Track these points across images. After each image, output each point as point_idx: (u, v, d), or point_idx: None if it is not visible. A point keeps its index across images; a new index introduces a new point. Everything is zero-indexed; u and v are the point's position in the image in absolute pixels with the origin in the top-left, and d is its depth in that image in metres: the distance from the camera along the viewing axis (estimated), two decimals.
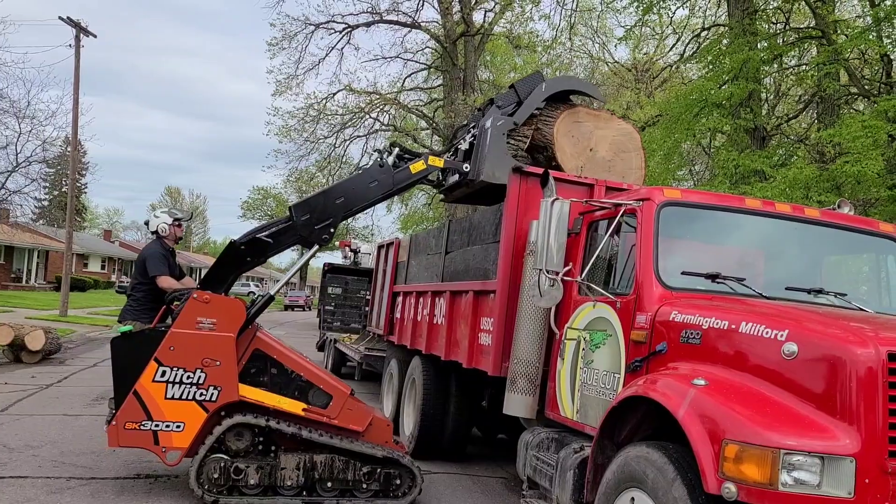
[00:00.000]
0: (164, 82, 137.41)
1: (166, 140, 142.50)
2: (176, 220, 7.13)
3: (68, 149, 32.59)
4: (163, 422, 5.59)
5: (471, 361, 6.27)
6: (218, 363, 5.66)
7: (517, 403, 5.17)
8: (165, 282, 6.58)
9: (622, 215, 4.59)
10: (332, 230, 6.27)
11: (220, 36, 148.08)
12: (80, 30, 25.74)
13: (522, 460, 5.14)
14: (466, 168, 6.59)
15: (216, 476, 5.55)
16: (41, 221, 55.71)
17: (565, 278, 4.69)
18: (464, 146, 6.86)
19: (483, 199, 7.39)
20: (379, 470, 5.82)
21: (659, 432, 3.88)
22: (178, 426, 5.61)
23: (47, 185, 52.27)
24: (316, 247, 6.36)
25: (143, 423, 5.58)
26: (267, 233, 6.27)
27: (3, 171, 32.94)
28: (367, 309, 19.80)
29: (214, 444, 5.63)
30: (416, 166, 6.52)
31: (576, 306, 4.95)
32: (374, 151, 6.69)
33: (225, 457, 5.63)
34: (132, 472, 6.32)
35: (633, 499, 3.65)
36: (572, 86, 7.07)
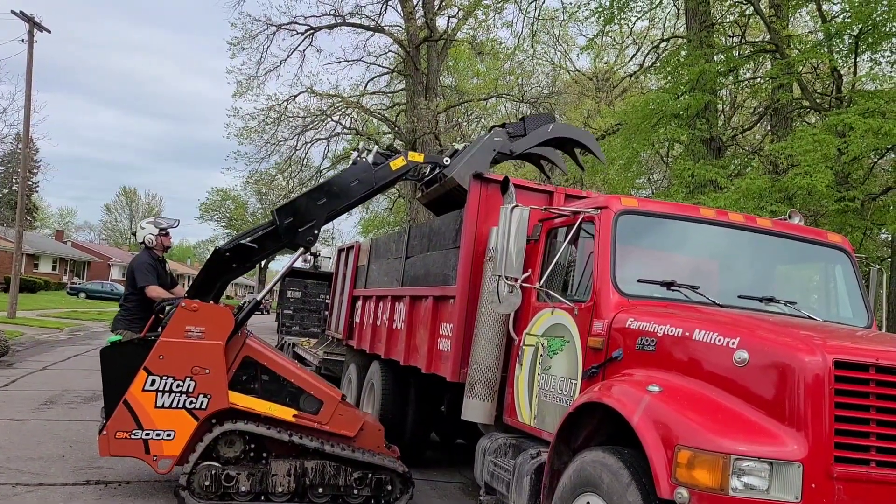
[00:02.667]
0: (116, 79, 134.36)
1: (119, 139, 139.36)
2: (161, 230, 7.17)
3: (19, 146, 31.76)
4: (153, 430, 5.57)
5: (430, 367, 6.27)
6: (207, 371, 5.65)
7: (475, 409, 5.19)
8: (154, 291, 6.60)
9: (580, 223, 4.64)
10: (316, 232, 6.23)
11: (175, 34, 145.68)
12: (34, 24, 25.11)
13: (480, 466, 5.16)
14: (447, 161, 6.60)
15: (207, 483, 5.54)
16: None
17: (524, 285, 4.72)
18: (458, 145, 6.97)
19: (451, 209, 7.42)
20: (370, 475, 5.83)
21: (614, 438, 3.93)
22: (168, 434, 5.58)
23: None
24: (301, 250, 6.31)
25: (134, 432, 5.56)
26: (251, 238, 6.25)
27: None
28: (326, 313, 19.68)
29: (205, 452, 5.61)
30: (397, 163, 6.52)
31: (534, 312, 5.00)
32: (354, 151, 6.65)
33: (216, 464, 5.62)
34: (81, 478, 6.17)
35: (588, 503, 3.69)
36: (578, 136, 7.07)
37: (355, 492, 5.81)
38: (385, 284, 8.12)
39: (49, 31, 25.94)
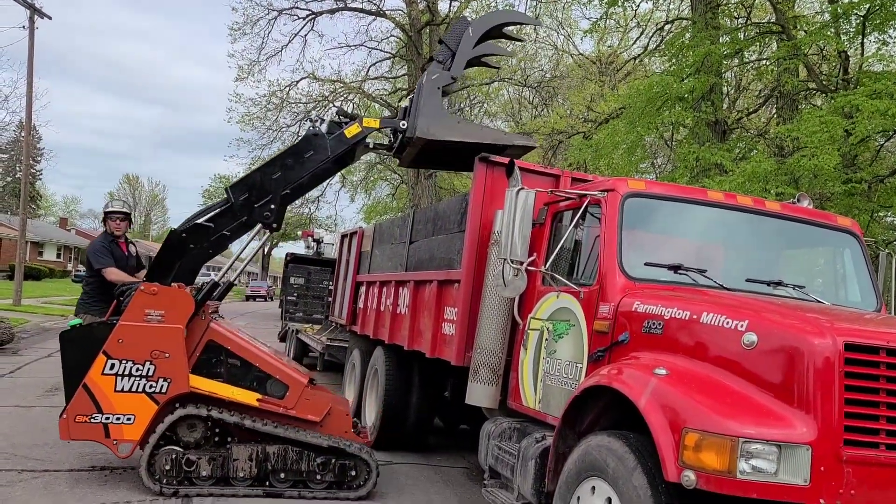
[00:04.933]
0: (111, 66, 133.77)
1: (117, 127, 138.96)
2: (106, 213, 7.15)
3: (22, 134, 31.71)
4: (113, 414, 5.54)
5: (434, 351, 6.24)
6: (167, 355, 5.60)
7: (480, 393, 5.16)
8: (111, 274, 6.55)
9: (587, 206, 4.59)
10: (272, 207, 6.07)
11: (169, 20, 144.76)
12: (35, 11, 24.97)
13: (484, 450, 5.14)
14: (403, 125, 6.33)
15: (168, 468, 5.52)
16: None
17: (529, 268, 4.68)
18: (404, 104, 6.66)
19: (440, 161, 7.20)
20: (334, 461, 5.79)
21: (620, 422, 3.90)
22: (128, 418, 5.55)
23: (0, 170, 50.84)
24: (259, 226, 6.16)
25: (94, 416, 5.52)
26: (206, 217, 6.15)
27: None
28: (329, 299, 19.69)
29: (168, 436, 5.58)
30: (351, 130, 6.27)
31: (539, 297, 4.96)
32: (307, 120, 6.43)
33: (177, 448, 5.59)
34: (86, 464, 6.17)
35: (593, 487, 3.67)
36: (501, 19, 6.78)
37: (318, 477, 5.77)
38: (389, 269, 8.09)
39: (50, 18, 25.82)
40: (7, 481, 5.61)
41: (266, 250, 70.94)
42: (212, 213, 6.15)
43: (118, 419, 5.54)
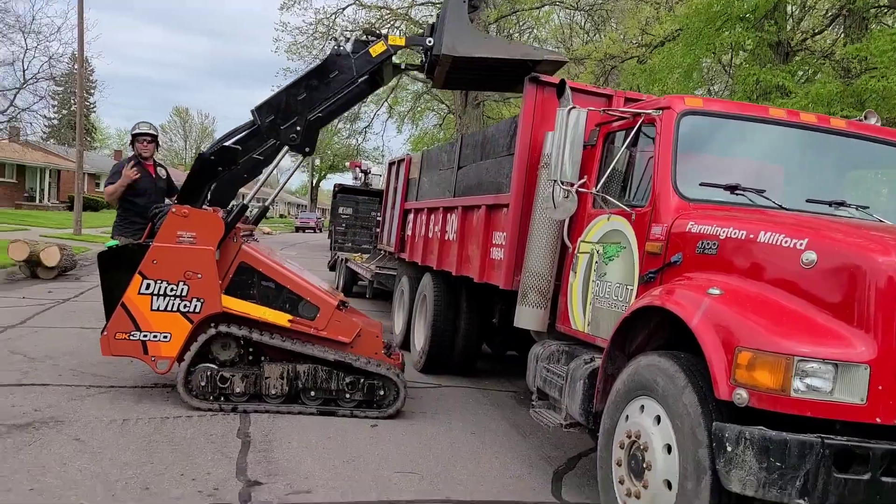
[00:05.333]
0: None
1: (167, 57, 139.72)
2: (133, 135, 7.37)
3: (75, 66, 32.14)
4: (150, 332, 5.74)
5: (482, 276, 6.26)
6: (199, 276, 5.74)
7: (528, 316, 5.18)
8: (105, 191, 7.04)
9: (641, 125, 4.46)
10: (297, 129, 6.02)
11: None
12: None
13: (532, 372, 5.19)
14: (430, 42, 6.14)
15: (203, 384, 5.73)
16: (52, 141, 55.60)
17: (580, 190, 4.61)
18: (432, 20, 6.54)
19: (475, 81, 6.98)
20: (362, 380, 5.91)
21: (670, 343, 3.88)
22: (165, 336, 5.75)
23: (56, 103, 51.88)
24: (286, 148, 6.15)
25: (132, 333, 5.73)
26: (233, 140, 6.17)
27: (11, 88, 32.66)
28: (377, 230, 19.86)
29: (203, 354, 5.79)
30: (376, 48, 6.13)
31: (589, 220, 4.89)
32: (332, 39, 6.26)
33: (212, 366, 5.79)
34: (150, 381, 6.44)
35: (642, 406, 3.68)
36: None
37: (347, 396, 5.91)
38: (437, 196, 8.07)
39: None
40: (77, 395, 5.90)
41: (314, 182, 71.60)
42: (239, 136, 6.17)
43: (155, 337, 5.74)
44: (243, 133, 6.15)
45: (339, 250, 18.59)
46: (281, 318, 5.92)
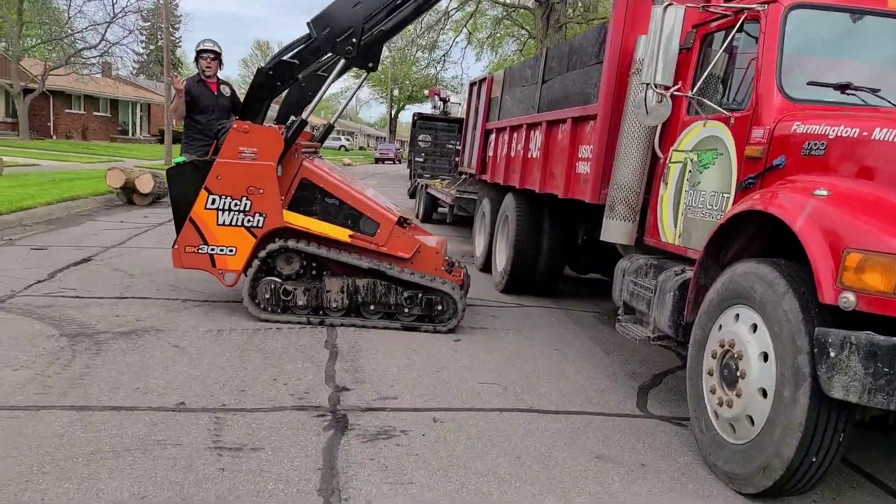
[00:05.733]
0: None
1: None
2: (197, 52, 7.39)
3: (161, 1, 32.77)
4: (217, 246, 5.91)
5: (567, 191, 6.12)
6: (261, 191, 5.83)
7: (615, 230, 5.05)
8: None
9: (743, 22, 4.17)
10: (353, 41, 5.92)
11: None
12: None
13: (619, 286, 5.09)
14: None
15: (268, 297, 5.90)
16: (142, 76, 57.35)
17: (675, 94, 4.38)
18: None
19: None
20: (420, 295, 5.95)
21: (768, 252, 3.71)
22: (230, 250, 5.91)
23: (144, 38, 53.25)
24: (343, 61, 6.06)
25: (201, 247, 5.92)
26: (291, 54, 6.12)
27: (102, 22, 33.71)
28: (456, 159, 19.74)
29: (267, 268, 5.94)
30: None
31: (683, 127, 4.67)
32: None
33: (275, 279, 5.94)
34: (240, 296, 6.66)
35: (737, 315, 3.55)
36: None
37: (406, 310, 5.97)
38: (520, 113, 7.89)
39: None
40: (174, 308, 6.18)
41: (393, 114, 71.59)
42: (296, 50, 6.11)
43: (221, 250, 5.91)
44: (300, 47, 6.10)
45: (419, 178, 18.61)
46: (341, 233, 5.99)
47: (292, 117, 6.19)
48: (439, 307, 5.97)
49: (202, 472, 3.24)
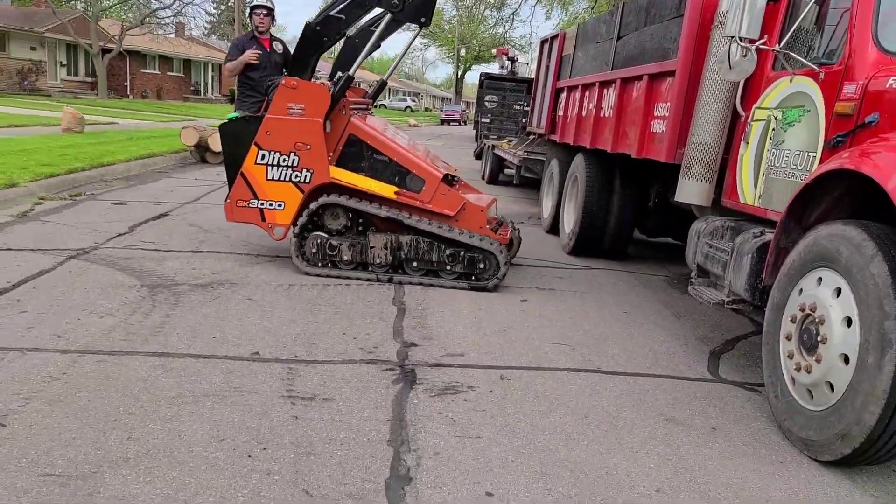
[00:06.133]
0: None
1: None
2: (250, 8, 7.43)
3: None
4: (266, 200, 6.03)
5: (641, 151, 5.96)
6: (308, 147, 5.90)
7: (691, 190, 4.91)
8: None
9: None
10: None
11: None
12: None
13: (693, 248, 4.96)
14: None
15: (314, 251, 6.00)
16: (213, 36, 58.34)
17: (761, 47, 4.19)
18: None
19: None
20: (462, 253, 5.94)
21: (856, 215, 3.54)
22: (279, 205, 6.02)
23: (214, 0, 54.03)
24: (389, 16, 6.01)
25: (251, 201, 6.05)
26: (338, 9, 6.08)
27: None
28: (523, 120, 19.47)
29: (314, 223, 6.03)
30: None
31: (768, 83, 4.47)
32: None
33: (322, 234, 6.02)
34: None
35: (820, 279, 3.41)
36: None
37: (448, 267, 5.97)
38: (593, 71, 7.70)
39: None
40: (247, 263, 6.35)
41: (459, 74, 71.00)
42: (342, 5, 6.07)
43: (271, 205, 6.03)
44: (347, 1, 6.07)
45: (485, 139, 18.47)
46: (387, 189, 6.01)
47: (339, 73, 6.22)
48: (481, 265, 5.97)
49: (276, 419, 3.34)
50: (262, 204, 6.05)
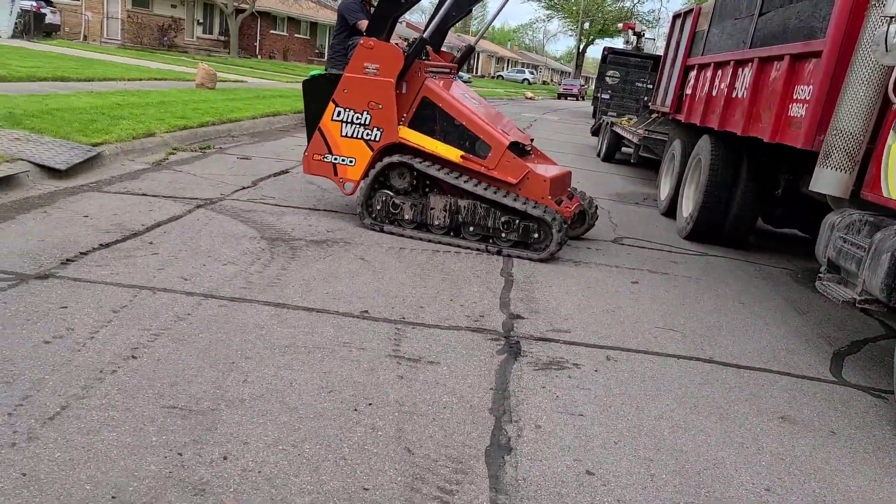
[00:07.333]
0: None
1: None
2: None
3: None
4: (340, 156, 6.22)
5: (775, 135, 5.62)
6: (380, 106, 6.02)
7: (829, 180, 4.59)
8: (363, 24, 6.92)
9: None
10: None
11: None
12: None
13: (825, 242, 4.66)
14: None
15: (379, 208, 6.13)
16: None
17: None
18: None
19: None
20: (518, 221, 5.89)
21: None
22: (350, 161, 6.20)
23: None
24: None
25: (326, 156, 6.26)
26: None
27: None
28: (645, 98, 18.83)
29: (381, 181, 6.15)
30: None
31: None
32: None
33: (388, 192, 6.13)
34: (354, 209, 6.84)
35: None
36: None
37: (503, 235, 5.94)
38: (728, 49, 7.32)
39: None
40: (280, 212, 6.48)
41: (580, 48, 69.41)
42: None
43: (343, 161, 6.21)
44: None
45: (604, 115, 18.02)
46: (453, 153, 6.03)
47: (413, 35, 6.27)
48: (536, 235, 5.91)
49: (382, 376, 3.42)
50: (335, 159, 6.26)
